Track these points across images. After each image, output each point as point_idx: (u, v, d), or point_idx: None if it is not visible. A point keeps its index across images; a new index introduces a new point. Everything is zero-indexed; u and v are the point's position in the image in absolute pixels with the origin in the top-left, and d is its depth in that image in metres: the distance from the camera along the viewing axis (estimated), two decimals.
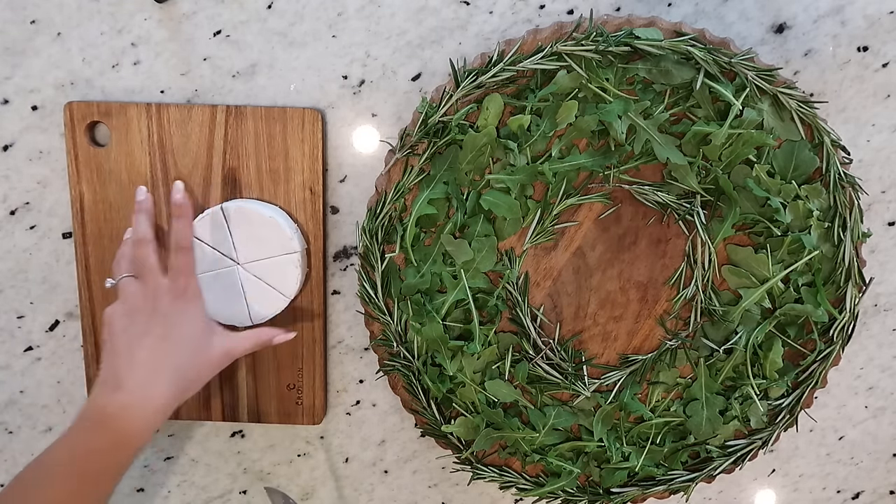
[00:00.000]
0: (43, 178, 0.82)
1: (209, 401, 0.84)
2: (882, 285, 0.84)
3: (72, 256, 0.83)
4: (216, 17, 0.78)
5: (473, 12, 0.77)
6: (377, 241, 0.76)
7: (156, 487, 0.90)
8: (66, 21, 0.78)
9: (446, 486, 0.89)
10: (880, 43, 0.78)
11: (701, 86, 0.71)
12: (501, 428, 0.79)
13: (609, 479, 0.80)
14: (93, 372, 0.83)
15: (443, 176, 0.75)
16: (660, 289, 0.78)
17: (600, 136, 0.74)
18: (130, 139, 0.79)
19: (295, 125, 0.78)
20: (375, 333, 0.79)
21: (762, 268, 0.75)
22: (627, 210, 0.77)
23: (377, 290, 0.77)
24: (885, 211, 0.82)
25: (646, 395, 0.80)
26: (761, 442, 0.80)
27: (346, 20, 0.78)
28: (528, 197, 0.75)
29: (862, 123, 0.80)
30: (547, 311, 0.79)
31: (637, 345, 0.80)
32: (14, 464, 0.89)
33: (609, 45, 0.70)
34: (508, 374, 0.78)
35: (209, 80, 0.79)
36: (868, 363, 0.86)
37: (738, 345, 0.76)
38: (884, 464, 0.90)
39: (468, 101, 0.73)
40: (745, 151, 0.72)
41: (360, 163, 0.81)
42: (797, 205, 0.73)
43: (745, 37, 0.78)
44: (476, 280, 0.76)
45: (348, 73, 0.79)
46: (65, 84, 0.80)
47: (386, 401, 0.87)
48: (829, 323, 0.76)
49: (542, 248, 0.78)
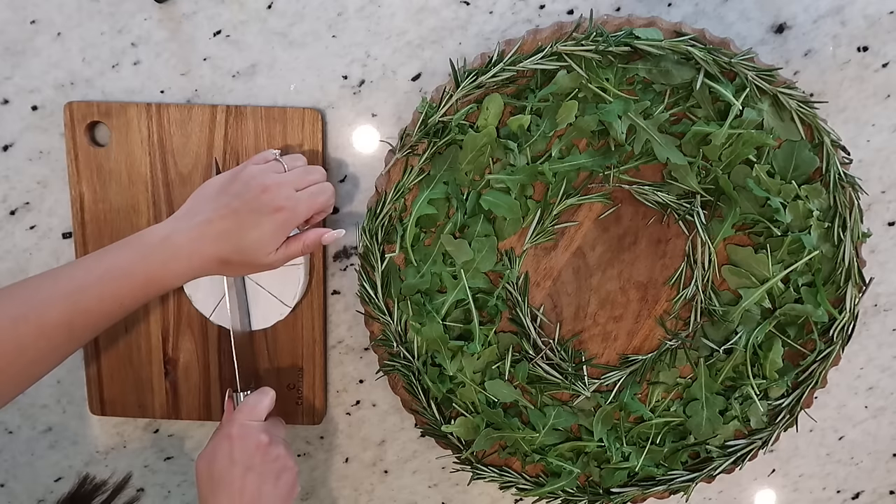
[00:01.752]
0: (43, 178, 0.82)
1: (209, 401, 0.84)
2: (882, 285, 0.84)
3: (72, 256, 0.83)
4: (216, 17, 0.78)
5: (473, 12, 0.77)
6: (377, 241, 0.76)
7: (156, 487, 0.90)
8: (66, 21, 0.78)
9: (446, 486, 0.89)
10: (880, 43, 0.78)
11: (701, 86, 0.71)
12: (501, 428, 0.79)
13: (609, 479, 0.80)
14: (92, 373, 0.83)
15: (443, 176, 0.75)
16: (660, 289, 0.78)
17: (600, 136, 0.74)
18: (130, 139, 0.79)
19: (295, 125, 0.78)
20: (375, 333, 0.79)
21: (762, 268, 0.75)
22: (627, 210, 0.77)
23: (377, 290, 0.77)
24: (885, 211, 0.82)
25: (646, 395, 0.80)
26: (761, 442, 0.80)
27: (346, 20, 0.78)
28: (528, 197, 0.75)
29: (862, 123, 0.80)
30: (547, 311, 0.79)
31: (637, 345, 0.80)
32: (14, 464, 0.89)
33: (609, 45, 0.70)
34: (508, 374, 0.78)
35: (209, 80, 0.79)
36: (868, 363, 0.86)
37: (738, 345, 0.76)
38: (884, 464, 0.90)
39: (468, 101, 0.73)
40: (745, 151, 0.72)
41: (360, 163, 0.81)
42: (797, 205, 0.73)
43: (745, 37, 0.78)
44: (476, 280, 0.76)
45: (348, 73, 0.79)
46: (65, 84, 0.80)
47: (386, 401, 0.87)
48: (829, 323, 0.76)
49: (542, 248, 0.78)
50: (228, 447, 0.70)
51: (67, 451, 0.89)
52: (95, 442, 0.88)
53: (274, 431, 0.74)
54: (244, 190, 0.68)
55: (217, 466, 0.70)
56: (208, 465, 0.70)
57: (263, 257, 0.68)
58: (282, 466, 0.72)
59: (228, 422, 0.72)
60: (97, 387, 0.84)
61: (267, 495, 0.70)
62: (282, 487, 0.71)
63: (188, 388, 0.84)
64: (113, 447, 0.89)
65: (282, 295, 0.79)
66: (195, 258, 0.67)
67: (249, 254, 0.68)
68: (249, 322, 0.80)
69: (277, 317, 0.80)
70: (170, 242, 0.66)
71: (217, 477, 0.70)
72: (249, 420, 0.72)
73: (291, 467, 0.73)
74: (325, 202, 0.71)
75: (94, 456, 0.89)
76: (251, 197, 0.67)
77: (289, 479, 0.72)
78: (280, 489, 0.71)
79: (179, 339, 0.82)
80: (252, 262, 0.68)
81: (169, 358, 0.83)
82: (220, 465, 0.70)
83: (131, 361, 0.83)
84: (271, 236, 0.68)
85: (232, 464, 0.70)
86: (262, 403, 0.74)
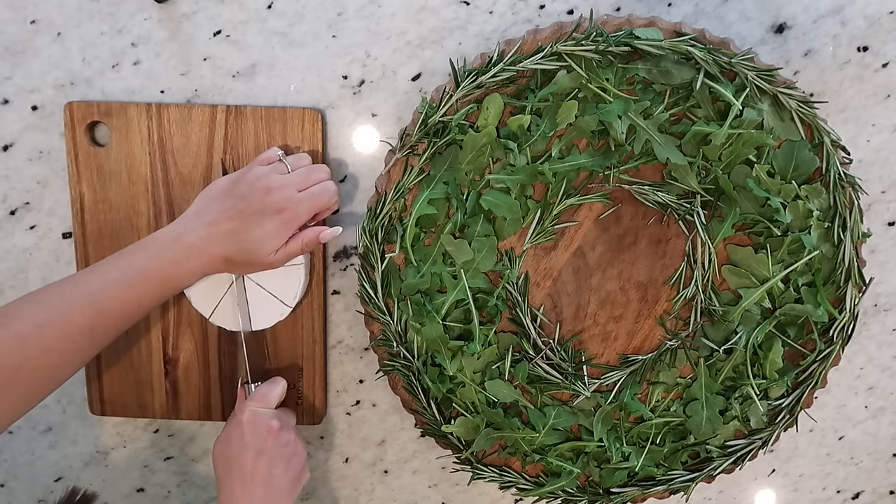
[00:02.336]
0: (43, 178, 0.82)
1: (209, 401, 0.84)
2: (882, 285, 0.84)
3: (72, 256, 0.83)
4: (216, 17, 0.78)
5: (473, 12, 0.77)
6: (377, 241, 0.76)
7: (156, 487, 0.90)
8: (66, 21, 0.78)
9: (446, 486, 0.89)
10: (880, 43, 0.78)
11: (701, 86, 0.71)
12: (501, 428, 0.79)
13: (609, 479, 0.80)
14: (92, 373, 0.83)
15: (443, 176, 0.75)
16: (660, 289, 0.78)
17: (600, 136, 0.74)
18: (130, 139, 0.79)
19: (295, 125, 0.78)
20: (375, 333, 0.79)
21: (762, 268, 0.75)
22: (627, 210, 0.77)
23: (377, 290, 0.77)
24: (885, 211, 0.82)
25: (646, 395, 0.80)
26: (761, 442, 0.80)
27: (346, 20, 0.78)
28: (528, 197, 0.75)
29: (862, 123, 0.80)
30: (547, 311, 0.79)
31: (637, 345, 0.80)
32: (14, 464, 0.89)
33: (609, 45, 0.70)
34: (508, 374, 0.78)
35: (209, 80, 0.79)
36: (868, 363, 0.86)
37: (738, 345, 0.76)
38: (884, 464, 0.90)
39: (468, 101, 0.73)
40: (745, 151, 0.72)
41: (360, 163, 0.81)
42: (797, 205, 0.73)
43: (745, 37, 0.78)
44: (476, 280, 0.76)
45: (348, 73, 0.79)
46: (65, 84, 0.80)
47: (386, 401, 0.87)
48: (829, 323, 0.76)
49: (542, 248, 0.78)
50: (240, 432, 0.73)
51: (67, 451, 0.89)
52: (95, 442, 0.88)
53: (284, 418, 0.76)
54: (249, 191, 0.70)
55: (230, 450, 0.73)
56: (223, 449, 0.73)
57: (265, 256, 0.71)
58: (292, 451, 0.74)
59: (241, 409, 0.75)
60: (97, 387, 0.84)
61: (277, 478, 0.73)
62: (292, 471, 0.74)
63: (188, 388, 0.84)
64: (113, 447, 0.89)
65: (282, 295, 0.79)
66: (204, 257, 0.70)
67: (253, 253, 0.71)
68: (250, 323, 0.80)
69: (278, 317, 0.80)
70: (181, 243, 0.70)
71: (230, 460, 0.72)
72: (261, 407, 0.75)
73: (301, 452, 0.76)
74: (327, 201, 0.73)
75: (94, 456, 0.89)
76: (255, 198, 0.70)
77: (298, 464, 0.75)
78: (290, 472, 0.74)
79: (179, 339, 0.83)
80: (255, 262, 0.71)
81: (169, 358, 0.83)
82: (233, 450, 0.73)
83: (131, 361, 0.83)
84: (273, 236, 0.71)
85: (244, 448, 0.72)
86: (273, 392, 0.76)
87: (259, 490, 0.71)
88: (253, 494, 0.71)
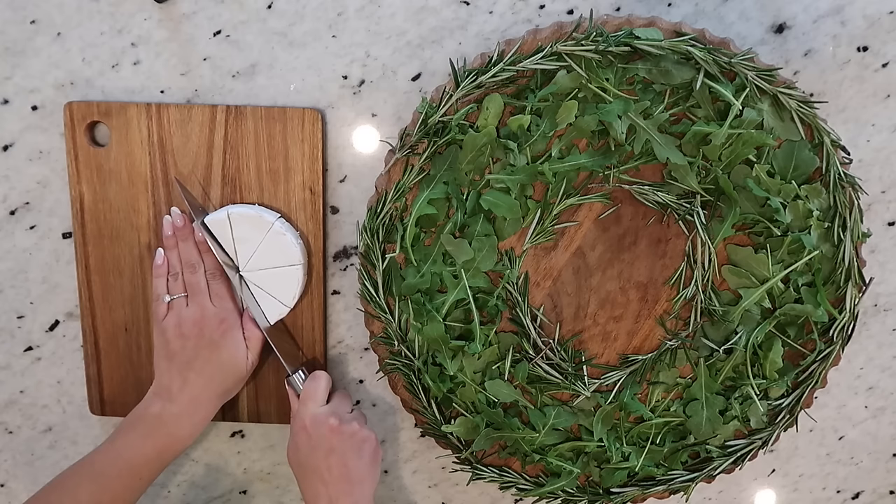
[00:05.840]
0: (43, 178, 0.82)
1: None
2: (882, 285, 0.84)
3: (72, 256, 0.83)
4: (216, 17, 0.78)
5: (473, 12, 0.77)
6: (378, 241, 0.76)
7: (156, 487, 0.90)
8: (66, 21, 0.78)
9: (446, 486, 0.89)
10: (880, 43, 0.78)
11: (701, 86, 0.71)
12: (501, 428, 0.79)
13: (609, 479, 0.80)
14: (92, 373, 0.83)
15: (443, 176, 0.75)
16: (660, 289, 0.78)
17: (600, 136, 0.74)
18: (130, 139, 0.79)
19: (295, 125, 0.78)
20: (376, 333, 0.79)
21: (762, 268, 0.75)
22: (627, 210, 0.77)
23: (378, 288, 0.77)
24: (885, 211, 0.82)
25: (646, 395, 0.80)
26: (761, 442, 0.80)
27: (346, 20, 0.78)
28: (528, 197, 0.75)
29: (862, 123, 0.80)
30: (547, 311, 0.79)
31: (637, 345, 0.80)
32: (14, 463, 0.89)
33: (609, 45, 0.70)
34: (508, 374, 0.78)
35: (209, 80, 0.79)
36: (868, 363, 0.86)
37: (738, 345, 0.76)
38: (884, 464, 0.90)
39: (468, 101, 0.73)
40: (745, 151, 0.72)
41: (360, 163, 0.81)
42: (797, 205, 0.73)
43: (745, 37, 0.78)
44: (476, 280, 0.76)
45: (348, 73, 0.79)
46: (65, 84, 0.80)
47: (386, 401, 0.87)
48: (829, 323, 0.76)
49: (542, 248, 0.78)
50: (306, 437, 0.76)
51: (67, 451, 0.89)
52: (95, 442, 0.88)
53: (341, 410, 0.77)
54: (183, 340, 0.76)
55: (301, 455, 0.76)
56: (294, 455, 0.76)
57: (243, 364, 0.78)
58: (360, 439, 0.76)
59: (299, 415, 0.77)
60: (97, 387, 0.84)
61: (354, 468, 0.75)
62: (365, 457, 0.76)
63: None
64: None
65: (281, 295, 0.79)
66: (197, 416, 0.77)
67: (234, 371, 0.77)
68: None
69: (277, 317, 0.80)
70: (165, 416, 0.76)
71: (304, 465, 0.75)
72: (315, 408, 0.77)
73: (368, 436, 0.77)
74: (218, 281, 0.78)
75: None
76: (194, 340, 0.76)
77: (369, 449, 0.77)
78: (364, 459, 0.76)
79: None
80: (239, 375, 0.78)
81: None
82: (303, 454, 0.75)
83: (131, 361, 0.83)
84: (235, 347, 0.77)
85: (313, 450, 0.75)
86: (319, 388, 0.77)
87: (341, 485, 0.74)
88: (337, 490, 0.74)
